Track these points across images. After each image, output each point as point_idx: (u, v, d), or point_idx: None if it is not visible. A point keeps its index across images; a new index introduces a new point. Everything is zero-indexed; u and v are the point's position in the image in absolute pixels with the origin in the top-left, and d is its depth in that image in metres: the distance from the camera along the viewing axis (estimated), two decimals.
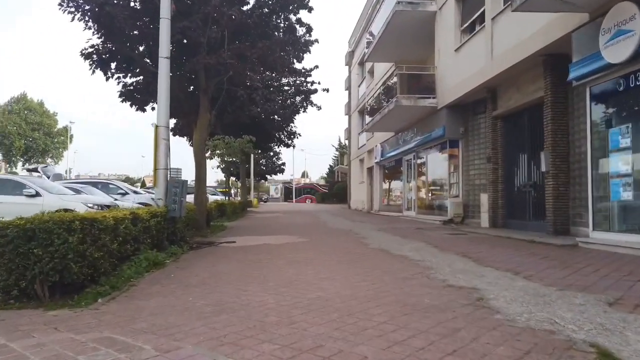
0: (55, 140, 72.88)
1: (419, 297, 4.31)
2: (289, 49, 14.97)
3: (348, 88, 43.62)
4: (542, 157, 9.97)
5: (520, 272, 5.49)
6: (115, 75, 12.03)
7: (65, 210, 7.89)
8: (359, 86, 30.64)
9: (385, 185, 24.29)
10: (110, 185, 18.11)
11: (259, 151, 36.37)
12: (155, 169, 8.17)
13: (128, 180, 79.75)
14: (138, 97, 12.70)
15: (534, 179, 11.10)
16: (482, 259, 6.65)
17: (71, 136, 77.35)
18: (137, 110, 13.42)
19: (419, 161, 18.03)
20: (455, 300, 4.13)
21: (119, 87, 12.81)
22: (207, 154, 20.56)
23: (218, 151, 20.27)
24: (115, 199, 15.16)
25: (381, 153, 22.93)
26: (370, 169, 26.91)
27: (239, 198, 42.13)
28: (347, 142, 60.24)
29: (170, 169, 8.73)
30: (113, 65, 11.96)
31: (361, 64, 30.18)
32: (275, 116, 27.85)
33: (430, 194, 17.28)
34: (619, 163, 7.48)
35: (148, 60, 11.98)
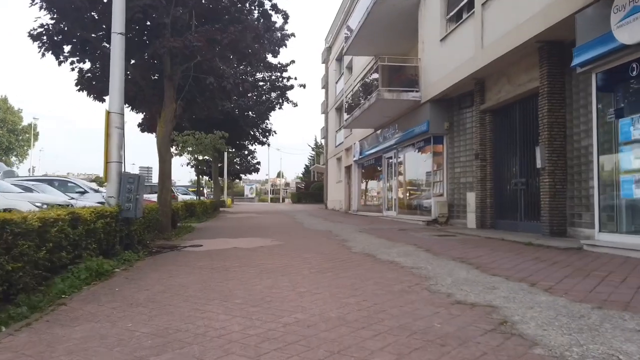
0: (20, 137, 69.82)
1: (426, 319, 3.37)
2: (264, 41, 13.98)
3: (325, 86, 42.77)
4: (537, 153, 9.23)
5: (536, 282, 4.64)
6: (70, 60, 10.76)
7: (5, 210, 6.75)
8: (336, 83, 29.77)
9: (364, 185, 23.46)
10: (69, 184, 16.73)
11: (233, 149, 35.15)
12: (107, 162, 7.03)
13: (98, 179, 77.04)
14: (95, 84, 11.43)
15: (526, 176, 10.38)
16: (484, 265, 5.79)
17: (37, 134, 74.26)
18: (94, 100, 12.13)
19: (400, 159, 17.22)
20: (473, 325, 3.21)
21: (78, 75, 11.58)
22: (176, 151, 19.33)
23: (189, 148, 19.00)
24: (72, 198, 13.88)
25: (360, 151, 22.09)
26: (348, 168, 26.05)
27: (224, 198, 40.76)
28: (323, 141, 59.42)
29: (134, 168, 7.61)
30: (67, 48, 10.70)
31: (339, 59, 29.34)
32: (250, 112, 26.79)
33: (412, 194, 16.49)
34: (630, 157, 6.74)
35: (107, 45, 10.77)
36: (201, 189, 39.58)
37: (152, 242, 9.15)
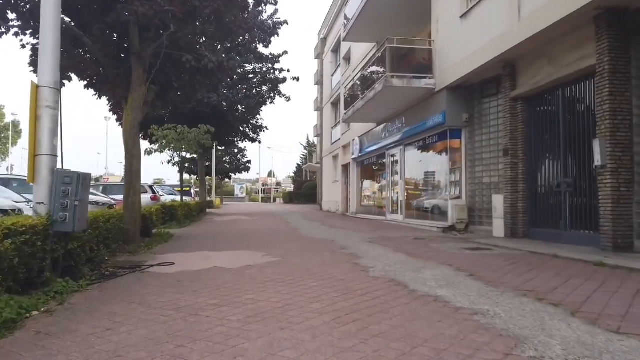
0: (2, 135, 67.08)
1: None
2: (253, 21, 12.18)
3: (319, 82, 40.88)
4: (596, 147, 7.41)
5: None
6: (13, 31, 8.72)
7: None
8: (332, 76, 27.88)
9: (364, 185, 21.57)
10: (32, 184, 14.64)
11: (222, 147, 33.04)
12: (33, 155, 5.06)
13: (99, 180, 74.12)
14: None
15: (573, 176, 8.56)
16: (582, 308, 3.92)
17: (20, 131, 71.54)
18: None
19: (408, 156, 15.35)
20: None
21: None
22: (155, 147, 17.31)
23: (171, 144, 16.95)
24: (30, 201, 11.84)
25: (359, 148, 20.21)
26: (345, 167, 24.17)
27: (212, 198, 38.58)
28: (316, 139, 57.52)
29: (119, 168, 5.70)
30: (12, 16, 8.68)
31: (335, 50, 27.46)
32: (239, 106, 24.77)
33: (422, 196, 14.63)
34: None
35: (66, 17, 8.77)
36: (188, 188, 37.51)
37: (111, 258, 7.19)
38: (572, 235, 8.40)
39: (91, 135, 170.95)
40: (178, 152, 17.28)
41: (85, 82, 9.94)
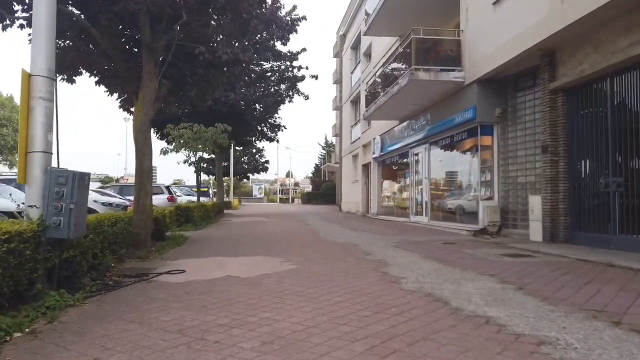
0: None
1: None
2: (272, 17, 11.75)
3: (337, 81, 40.18)
4: None
5: None
6: (18, 23, 8.27)
7: None
8: (351, 73, 27.18)
9: (386, 185, 20.81)
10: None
11: (239, 147, 32.59)
12: (24, 153, 4.52)
13: (108, 179, 74.74)
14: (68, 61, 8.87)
15: (623, 175, 7.71)
16: None
17: None
18: (66, 82, 9.66)
19: (434, 154, 14.56)
20: None
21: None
22: (171, 146, 16.87)
23: (187, 143, 16.48)
24: (20, 205, 11.45)
25: (381, 147, 19.47)
26: (366, 166, 23.44)
27: (230, 199, 38.22)
28: (334, 139, 56.83)
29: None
30: (17, 7, 8.22)
31: (354, 47, 26.76)
32: (257, 105, 24.26)
33: (450, 196, 13.84)
34: None
35: (75, 9, 8.30)
36: (206, 189, 37.22)
37: (117, 265, 6.65)
38: (623, 241, 7.56)
39: (112, 135, 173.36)
40: (194, 152, 16.79)
41: (97, 79, 9.45)
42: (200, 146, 16.79)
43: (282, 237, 11.28)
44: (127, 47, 9.01)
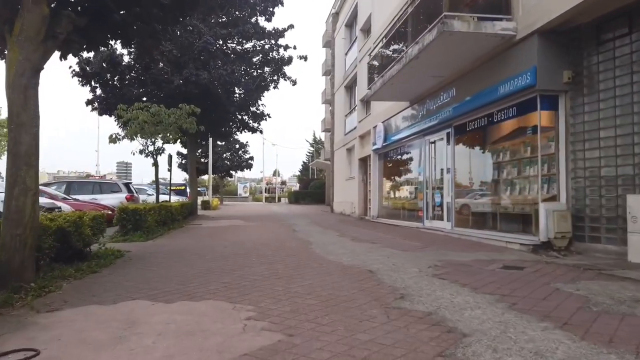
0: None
1: None
2: None
3: (327, 72, 36.90)
4: None
5: None
6: None
7: None
8: (345, 54, 23.83)
9: (390, 182, 17.44)
10: None
11: (214, 137, 28.67)
12: None
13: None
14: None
15: None
16: None
17: None
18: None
19: (461, 141, 11.25)
20: None
21: None
22: (123, 132, 13.33)
23: (142, 128, 12.85)
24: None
25: (383, 136, 16.14)
26: (363, 160, 20.09)
27: (208, 198, 34.45)
28: (324, 134, 53.50)
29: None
30: None
31: (350, 24, 23.45)
32: (236, 88, 20.77)
33: (484, 195, 10.53)
34: None
35: None
36: (183, 187, 33.53)
37: None
38: None
39: (90, 132, 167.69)
40: (152, 140, 13.27)
41: None
42: (160, 133, 13.23)
43: (259, 254, 7.87)
44: None
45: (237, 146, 46.77)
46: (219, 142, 42.58)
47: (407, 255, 7.47)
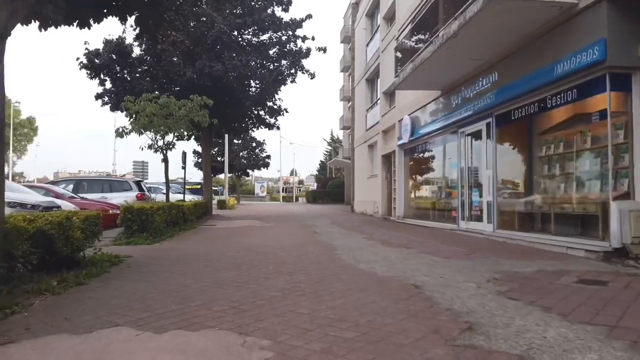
0: (18, 132, 64.11)
1: None
2: None
3: (347, 68, 35.86)
4: None
5: None
6: None
7: None
8: (367, 45, 22.65)
9: (417, 180, 16.18)
10: None
11: (229, 133, 27.67)
12: None
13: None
14: None
15: None
16: None
17: (36, 128, 68.79)
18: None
19: (506, 132, 9.98)
20: None
21: None
22: (129, 126, 12.39)
23: (151, 121, 11.88)
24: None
25: (410, 130, 14.92)
26: (387, 157, 18.88)
27: (225, 197, 33.49)
28: (342, 132, 52.33)
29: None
30: None
31: (371, 14, 22.25)
32: (252, 81, 19.79)
33: (541, 193, 9.24)
34: None
35: None
36: (199, 186, 32.70)
37: None
38: None
39: (110, 131, 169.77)
40: (161, 134, 12.30)
41: None
42: (170, 127, 12.21)
43: (277, 261, 6.78)
44: None
45: (254, 144, 45.93)
46: (235, 141, 41.79)
47: (452, 264, 6.28)
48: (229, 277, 5.47)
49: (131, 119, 12.49)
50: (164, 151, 12.58)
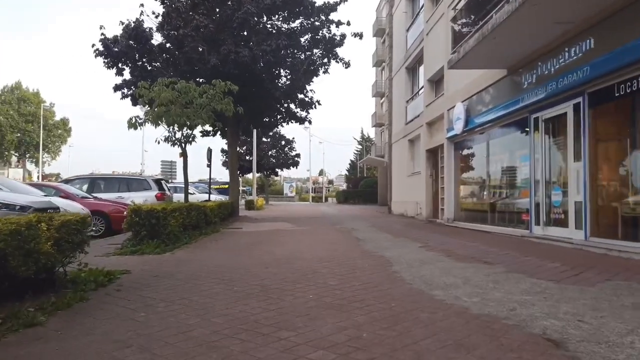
0: (52, 133, 64.84)
1: None
2: None
3: (379, 62, 33.90)
4: None
5: None
6: None
7: None
8: (407, 31, 20.66)
9: (473, 176, 14.06)
10: None
11: (257, 128, 25.96)
12: None
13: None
14: None
15: None
16: None
17: (69, 129, 69.49)
18: None
19: (603, 112, 7.91)
20: None
21: None
22: (143, 116, 10.85)
23: (168, 109, 10.25)
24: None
25: (465, 119, 12.90)
26: (433, 152, 16.84)
27: (253, 197, 31.89)
28: (374, 129, 50.26)
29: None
30: None
31: None
32: (282, 70, 18.12)
33: None
34: None
35: None
36: (226, 186, 31.27)
37: None
38: None
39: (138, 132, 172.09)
40: (179, 125, 10.71)
41: None
42: (189, 116, 10.58)
43: (318, 284, 4.99)
44: None
45: (283, 142, 44.42)
46: (263, 139, 40.36)
47: (573, 292, 4.35)
48: (252, 313, 3.71)
49: (146, 108, 10.95)
50: (183, 145, 10.98)
